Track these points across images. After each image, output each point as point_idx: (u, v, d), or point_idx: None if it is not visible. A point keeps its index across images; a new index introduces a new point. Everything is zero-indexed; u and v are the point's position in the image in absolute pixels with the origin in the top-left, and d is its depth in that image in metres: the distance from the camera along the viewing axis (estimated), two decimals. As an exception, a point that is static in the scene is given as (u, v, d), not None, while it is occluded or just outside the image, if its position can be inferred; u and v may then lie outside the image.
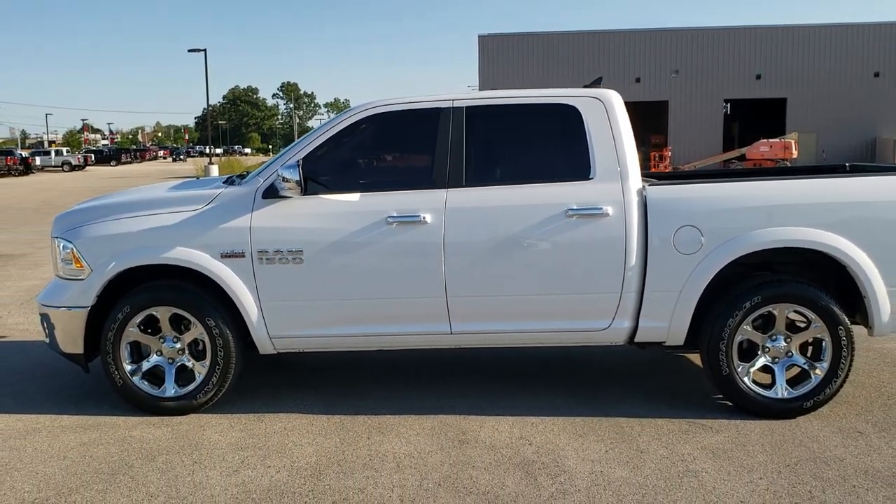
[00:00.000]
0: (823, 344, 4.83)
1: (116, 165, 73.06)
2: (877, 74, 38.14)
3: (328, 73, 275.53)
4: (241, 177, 5.41)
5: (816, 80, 38.30)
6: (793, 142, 31.47)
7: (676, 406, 5.10)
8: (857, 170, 6.08)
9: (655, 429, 4.72)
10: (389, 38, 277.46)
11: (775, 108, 39.31)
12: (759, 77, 38.56)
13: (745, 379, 4.86)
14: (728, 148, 38.10)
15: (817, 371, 4.84)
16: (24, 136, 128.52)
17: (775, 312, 4.83)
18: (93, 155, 71.97)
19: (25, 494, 3.98)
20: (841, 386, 4.84)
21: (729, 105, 41.81)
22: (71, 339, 5.06)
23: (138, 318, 4.99)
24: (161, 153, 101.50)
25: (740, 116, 42.78)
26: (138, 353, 5.12)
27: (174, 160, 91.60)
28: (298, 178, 4.75)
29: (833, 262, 4.83)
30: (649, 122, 42.21)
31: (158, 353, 5.09)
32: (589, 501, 3.81)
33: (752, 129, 40.35)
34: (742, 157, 32.68)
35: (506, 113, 5.11)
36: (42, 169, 58.89)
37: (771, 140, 32.28)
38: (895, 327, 4.86)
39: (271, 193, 4.91)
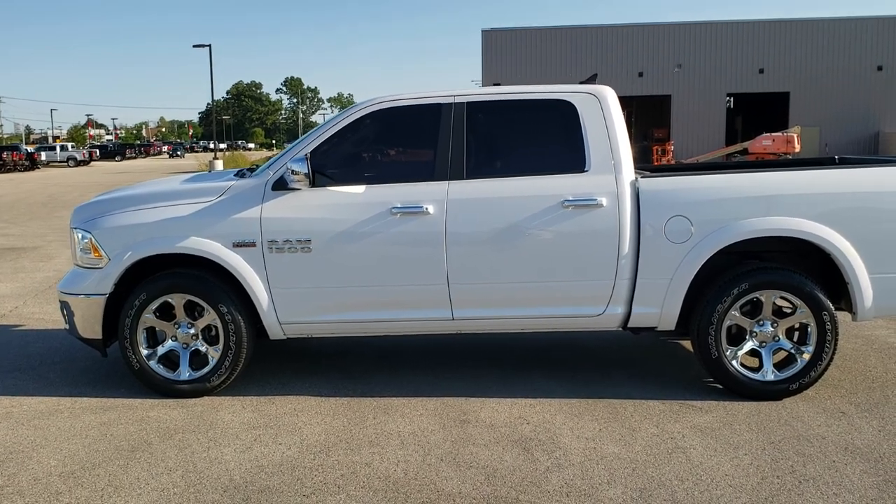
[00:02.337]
0: (809, 329, 5.05)
1: (121, 161, 73.30)
2: (880, 68, 38.19)
3: (332, 69, 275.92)
4: (252, 170, 5.64)
5: (819, 74, 38.36)
6: (795, 136, 31.53)
7: (668, 388, 5.33)
8: (846, 163, 6.28)
9: (647, 409, 4.95)
10: (393, 35, 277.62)
11: (778, 102, 39.39)
12: (761, 71, 38.64)
13: (734, 362, 5.08)
14: (731, 142, 38.20)
15: (803, 355, 5.06)
16: (29, 131, 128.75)
17: (762, 298, 5.05)
18: (97, 150, 72.26)
19: (52, 468, 4.23)
20: (826, 369, 5.06)
21: (732, 99, 41.93)
22: (90, 325, 5.31)
23: (154, 305, 5.23)
24: (165, 148, 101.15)
25: (743, 110, 42.91)
26: (154, 338, 5.37)
27: (171, 156, 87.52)
28: (307, 171, 4.98)
29: (818, 251, 5.05)
30: (652, 116, 42.37)
31: (173, 339, 5.33)
32: (582, 474, 4.04)
33: (754, 123, 40.46)
34: (744, 151, 32.77)
35: (505, 108, 5.34)
36: (47, 164, 59.24)
37: (773, 134, 32.35)
38: (878, 312, 5.08)
39: (281, 185, 5.13)
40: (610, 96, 5.24)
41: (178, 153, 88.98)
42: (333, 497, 3.84)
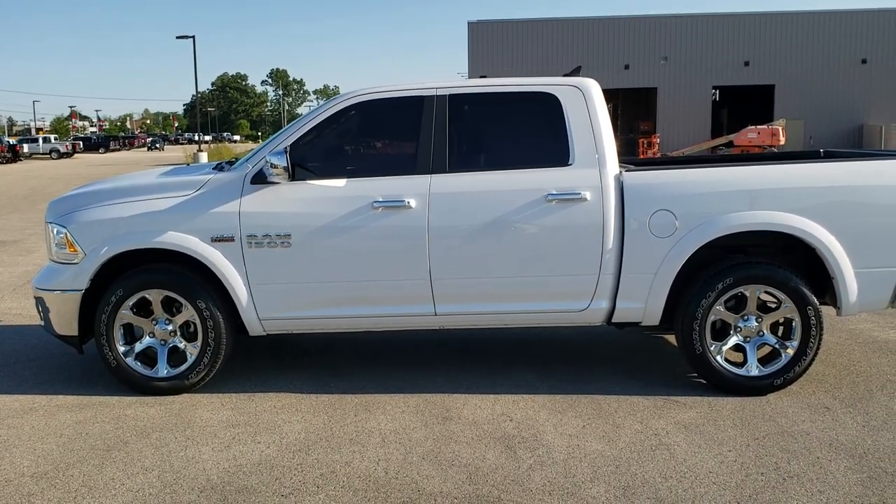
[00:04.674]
0: (793, 324, 5.01)
1: (105, 153, 72.62)
2: (864, 61, 38.34)
3: (318, 60, 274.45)
4: (231, 163, 5.55)
5: (804, 66, 38.47)
6: (780, 128, 31.65)
7: (652, 384, 5.29)
8: (831, 156, 6.25)
9: (631, 405, 4.91)
10: (380, 27, 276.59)
11: (763, 94, 39.49)
12: (747, 64, 38.70)
13: (718, 357, 5.05)
14: (716, 135, 38.28)
15: (788, 350, 5.03)
16: (11, 123, 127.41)
17: (747, 293, 5.01)
18: (81, 142, 71.51)
19: (25, 469, 4.13)
20: (810, 364, 5.03)
21: (717, 92, 41.99)
22: (65, 321, 5.20)
23: (131, 301, 5.13)
24: (149, 140, 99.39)
25: (728, 103, 42.99)
26: (131, 334, 5.27)
27: (149, 149, 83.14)
28: (286, 164, 4.89)
29: (803, 245, 5.01)
30: (638, 108, 42.40)
31: (151, 335, 5.23)
32: (566, 472, 3.99)
33: (740, 115, 40.57)
34: (730, 144, 32.86)
35: (487, 101, 5.26)
36: (30, 156, 58.62)
37: (759, 127, 32.45)
38: (862, 307, 5.06)
39: (260, 179, 5.04)
40: (594, 89, 5.18)
41: (157, 145, 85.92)
42: (312, 497, 3.78)
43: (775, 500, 3.67)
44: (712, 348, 5.04)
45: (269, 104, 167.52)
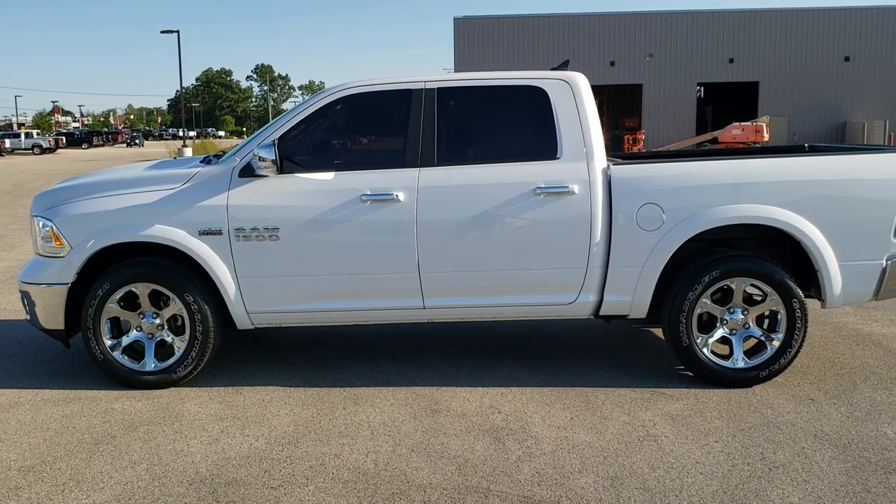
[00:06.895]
0: (779, 316, 5.06)
1: (88, 148, 71.99)
2: (847, 58, 38.67)
3: (303, 56, 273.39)
4: (218, 156, 5.53)
5: (788, 63, 38.76)
6: (764, 125, 31.90)
7: (639, 376, 5.32)
8: (815, 150, 6.31)
9: (619, 397, 4.94)
10: (366, 22, 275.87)
11: (748, 91, 39.76)
12: (731, 61, 38.95)
13: (705, 350, 5.09)
14: (701, 131, 38.52)
15: (773, 342, 5.07)
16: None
17: (733, 286, 5.05)
18: (64, 138, 70.91)
19: (11, 463, 4.11)
20: (795, 356, 5.08)
21: (702, 88, 42.29)
22: (52, 315, 5.17)
23: (118, 295, 5.10)
24: (129, 136, 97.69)
25: (713, 100, 43.28)
26: (118, 328, 5.25)
27: (128, 145, 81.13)
28: (274, 158, 4.88)
29: (788, 238, 5.06)
30: (623, 105, 42.57)
31: (138, 329, 5.21)
32: (554, 463, 4.02)
33: (724, 112, 40.83)
34: (714, 140, 33.07)
35: (476, 94, 5.28)
36: (12, 152, 58.11)
37: (743, 123, 32.71)
38: (846, 300, 5.12)
39: (248, 172, 5.03)
40: (582, 83, 5.20)
41: (137, 142, 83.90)
42: (302, 489, 3.78)
43: (761, 490, 3.72)
44: (699, 341, 5.08)
45: (254, 100, 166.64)
